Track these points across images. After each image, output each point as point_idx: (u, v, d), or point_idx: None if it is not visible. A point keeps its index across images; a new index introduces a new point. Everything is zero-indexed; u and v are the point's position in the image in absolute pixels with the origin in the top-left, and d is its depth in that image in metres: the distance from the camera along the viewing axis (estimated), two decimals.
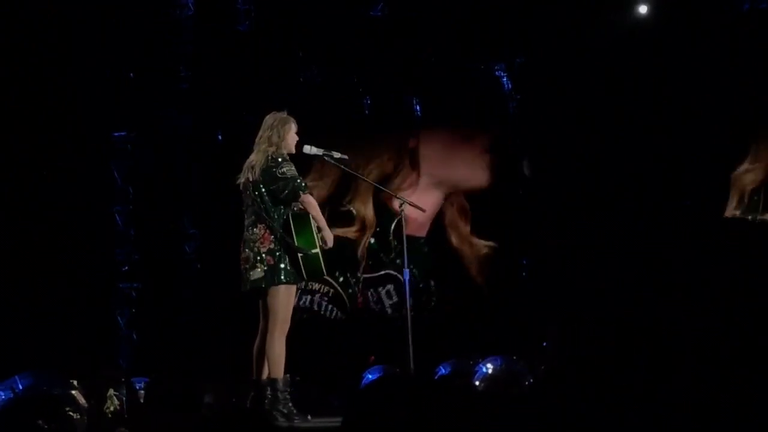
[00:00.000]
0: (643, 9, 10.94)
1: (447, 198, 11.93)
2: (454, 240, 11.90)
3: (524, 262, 11.81)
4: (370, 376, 9.07)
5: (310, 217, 7.25)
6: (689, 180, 10.44)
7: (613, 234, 10.29)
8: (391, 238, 11.93)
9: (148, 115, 11.73)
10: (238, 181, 7.38)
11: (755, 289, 3.22)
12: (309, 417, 7.38)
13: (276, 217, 7.23)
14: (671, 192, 10.58)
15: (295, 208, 7.29)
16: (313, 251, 7.17)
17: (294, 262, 7.16)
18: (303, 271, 7.19)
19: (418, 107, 11.94)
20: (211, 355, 10.45)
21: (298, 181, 7.25)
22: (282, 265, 7.17)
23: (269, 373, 7.24)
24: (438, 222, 11.95)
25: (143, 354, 11.40)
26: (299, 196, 7.21)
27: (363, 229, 11.96)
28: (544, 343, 9.65)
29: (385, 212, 11.92)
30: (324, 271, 7.30)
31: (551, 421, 3.14)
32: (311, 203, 7.30)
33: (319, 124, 10.29)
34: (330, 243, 7.35)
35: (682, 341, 3.28)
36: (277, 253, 7.17)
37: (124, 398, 7.66)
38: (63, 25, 11.00)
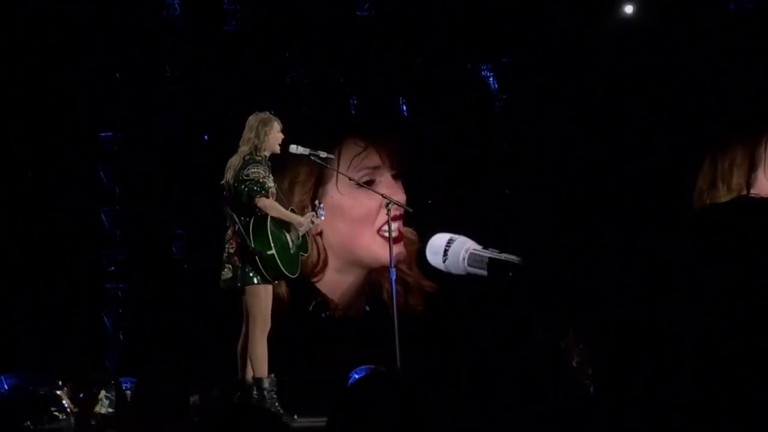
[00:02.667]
0: (629, 9, 10.95)
1: (368, 276, 11.49)
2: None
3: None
4: (356, 376, 9.07)
5: (269, 218, 7.21)
6: (687, 180, 10.49)
7: (604, 234, 10.29)
8: (310, 309, 11.61)
9: (135, 116, 11.70)
10: (221, 182, 7.40)
11: (755, 289, 3.23)
12: (295, 417, 7.39)
13: (243, 218, 7.22)
14: (642, 190, 10.59)
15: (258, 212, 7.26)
16: (269, 252, 7.16)
17: (256, 263, 7.17)
18: (265, 273, 7.20)
19: (404, 107, 11.92)
20: (199, 355, 10.41)
21: (257, 185, 7.19)
22: (249, 266, 7.18)
23: (254, 374, 7.24)
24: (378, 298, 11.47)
25: (130, 354, 11.35)
26: (253, 199, 7.17)
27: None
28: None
29: (299, 287, 11.55)
30: (284, 271, 7.26)
31: (549, 421, 3.14)
32: (268, 206, 7.24)
33: (305, 124, 10.33)
34: (303, 230, 7.38)
35: (682, 341, 3.29)
36: (243, 255, 7.18)
37: (112, 400, 7.63)
38: (49, 27, 10.99)
